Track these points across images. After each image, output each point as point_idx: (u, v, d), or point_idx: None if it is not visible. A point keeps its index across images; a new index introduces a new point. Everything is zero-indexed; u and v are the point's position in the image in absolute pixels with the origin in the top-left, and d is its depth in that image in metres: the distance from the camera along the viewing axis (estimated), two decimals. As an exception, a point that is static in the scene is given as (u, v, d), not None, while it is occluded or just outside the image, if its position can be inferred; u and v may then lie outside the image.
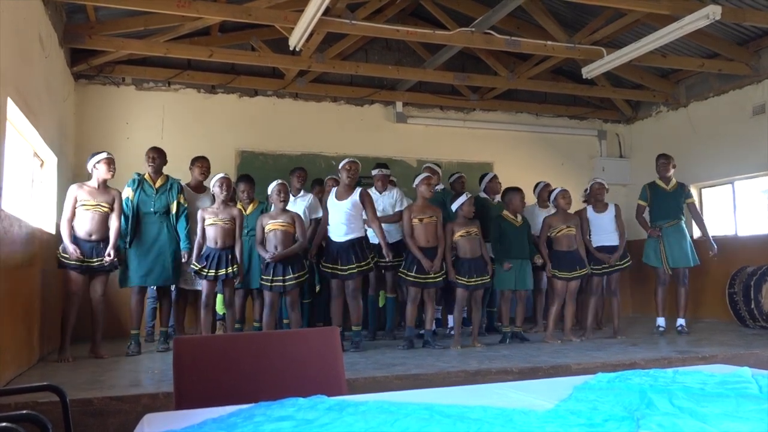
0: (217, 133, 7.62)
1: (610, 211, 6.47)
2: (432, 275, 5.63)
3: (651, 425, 1.40)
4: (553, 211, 6.45)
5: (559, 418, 1.44)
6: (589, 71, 7.09)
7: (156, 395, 3.65)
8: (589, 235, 6.42)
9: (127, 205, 5.54)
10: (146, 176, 5.69)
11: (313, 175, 7.14)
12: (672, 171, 6.65)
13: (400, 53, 8.52)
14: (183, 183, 6.05)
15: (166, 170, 5.80)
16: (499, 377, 4.25)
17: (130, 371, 4.67)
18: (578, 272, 6.08)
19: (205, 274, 5.36)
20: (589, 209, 6.56)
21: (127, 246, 5.50)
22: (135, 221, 5.55)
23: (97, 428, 3.48)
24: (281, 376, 2.07)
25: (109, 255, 5.20)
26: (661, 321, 6.56)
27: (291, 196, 6.42)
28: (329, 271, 5.54)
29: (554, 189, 6.55)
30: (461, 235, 5.76)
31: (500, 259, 5.99)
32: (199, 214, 5.52)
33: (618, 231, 6.41)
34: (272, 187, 5.51)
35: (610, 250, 6.34)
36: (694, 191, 8.30)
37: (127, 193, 5.60)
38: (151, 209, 5.57)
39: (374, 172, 6.47)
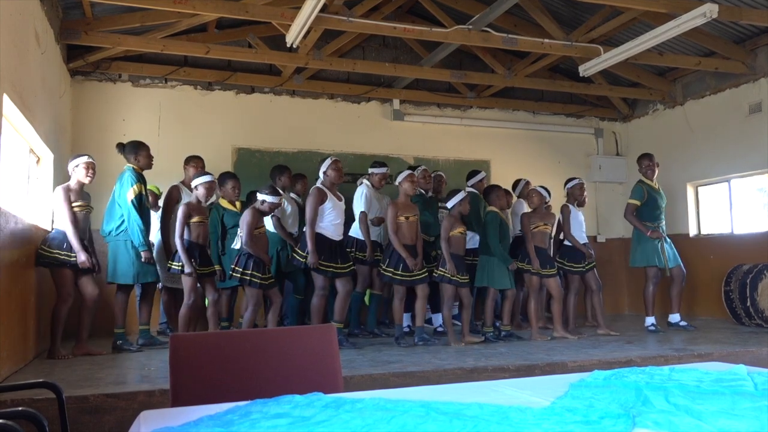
0: (214, 130, 7.61)
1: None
2: (417, 273, 5.65)
3: (647, 422, 1.40)
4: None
5: (556, 416, 1.44)
6: (586, 69, 7.09)
7: (152, 392, 3.64)
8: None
9: (138, 201, 5.37)
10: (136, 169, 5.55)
11: (310, 172, 7.10)
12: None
13: (397, 51, 8.51)
14: (178, 182, 6.05)
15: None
16: (495, 375, 4.26)
17: (126, 368, 4.66)
18: (548, 270, 6.11)
19: (202, 271, 5.36)
20: (572, 205, 6.60)
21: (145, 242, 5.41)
22: (148, 217, 5.59)
23: (93, 425, 3.48)
24: (278, 373, 2.07)
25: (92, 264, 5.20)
26: (653, 320, 6.58)
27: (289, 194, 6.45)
28: (331, 270, 5.48)
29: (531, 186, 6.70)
30: (461, 232, 5.78)
31: (505, 258, 5.95)
32: (184, 209, 5.31)
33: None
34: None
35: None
36: (690, 189, 8.35)
37: (137, 189, 5.38)
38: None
39: (375, 171, 6.32)
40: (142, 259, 5.36)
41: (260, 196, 5.35)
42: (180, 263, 5.24)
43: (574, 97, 9.25)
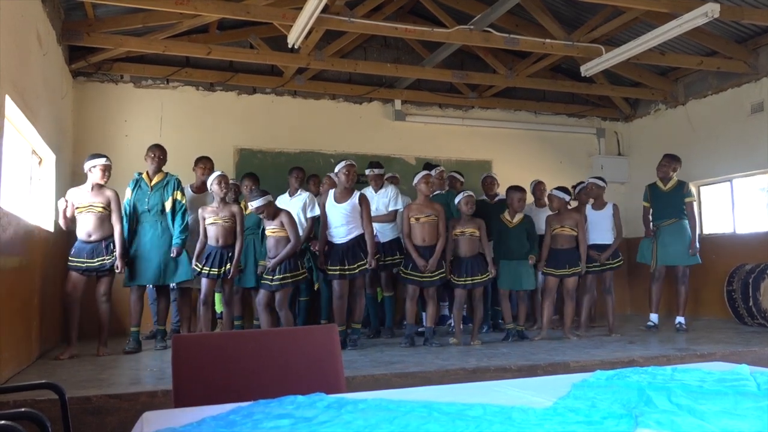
0: (216, 131, 7.61)
1: (607, 209, 6.51)
2: (428, 274, 5.63)
3: (649, 423, 1.40)
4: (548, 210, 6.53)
5: (558, 416, 1.44)
6: (587, 69, 7.08)
7: (155, 393, 3.65)
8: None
9: (127, 206, 5.54)
10: (144, 174, 5.67)
11: (311, 173, 7.13)
12: (672, 173, 6.65)
13: (398, 51, 8.51)
14: (187, 184, 6.04)
15: (165, 168, 5.78)
16: (497, 375, 4.26)
17: (129, 369, 4.66)
18: (568, 270, 6.08)
19: (207, 272, 5.36)
20: (588, 206, 6.60)
21: (128, 246, 5.47)
22: (133, 220, 5.56)
23: (95, 426, 3.48)
24: (280, 373, 2.07)
25: (117, 267, 5.25)
26: (654, 317, 6.59)
27: (288, 195, 6.47)
28: (336, 273, 5.47)
29: (543, 186, 6.84)
30: (456, 234, 5.78)
31: (497, 259, 6.00)
32: (199, 213, 5.52)
33: (614, 230, 6.44)
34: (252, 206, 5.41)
35: (601, 248, 6.37)
36: (692, 189, 8.32)
37: (128, 193, 5.59)
38: (146, 207, 5.54)
39: (367, 172, 6.48)
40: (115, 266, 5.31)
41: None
42: (199, 264, 5.41)
43: (576, 97, 9.25)
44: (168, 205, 5.56)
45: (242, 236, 5.53)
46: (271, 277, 5.33)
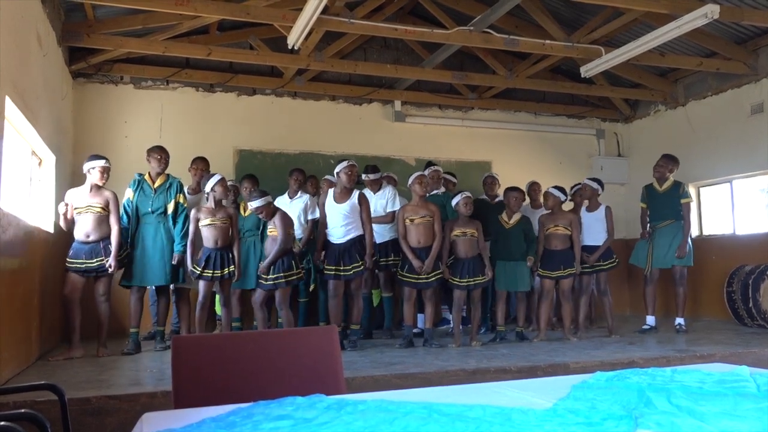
0: (216, 132, 7.61)
1: (599, 211, 6.50)
2: (424, 276, 5.62)
3: (649, 424, 1.40)
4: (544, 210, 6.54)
5: (558, 417, 1.44)
6: (587, 70, 7.09)
7: (154, 394, 3.65)
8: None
9: (128, 206, 5.57)
10: (146, 176, 5.67)
11: (311, 174, 7.12)
12: (668, 174, 6.62)
13: (398, 52, 8.52)
14: (185, 185, 6.05)
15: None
16: (497, 376, 4.26)
17: (129, 370, 4.66)
18: (562, 272, 6.08)
19: (210, 275, 5.34)
20: (582, 208, 6.61)
21: (128, 247, 5.49)
22: (135, 221, 5.56)
23: (95, 427, 3.48)
24: (280, 375, 2.07)
25: (110, 266, 5.22)
26: (650, 320, 6.59)
27: (287, 197, 6.46)
28: (332, 273, 5.49)
29: (538, 187, 6.88)
30: (456, 235, 5.78)
31: (494, 260, 6.00)
32: (192, 213, 5.44)
33: (606, 232, 6.43)
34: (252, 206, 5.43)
35: (593, 250, 6.35)
36: (692, 190, 8.32)
37: (129, 194, 5.61)
38: (149, 209, 5.55)
39: (363, 177, 6.44)
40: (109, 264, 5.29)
41: None
42: (198, 267, 5.35)
43: (576, 98, 9.25)
44: (171, 207, 5.59)
45: (239, 238, 5.57)
46: (266, 277, 5.35)
